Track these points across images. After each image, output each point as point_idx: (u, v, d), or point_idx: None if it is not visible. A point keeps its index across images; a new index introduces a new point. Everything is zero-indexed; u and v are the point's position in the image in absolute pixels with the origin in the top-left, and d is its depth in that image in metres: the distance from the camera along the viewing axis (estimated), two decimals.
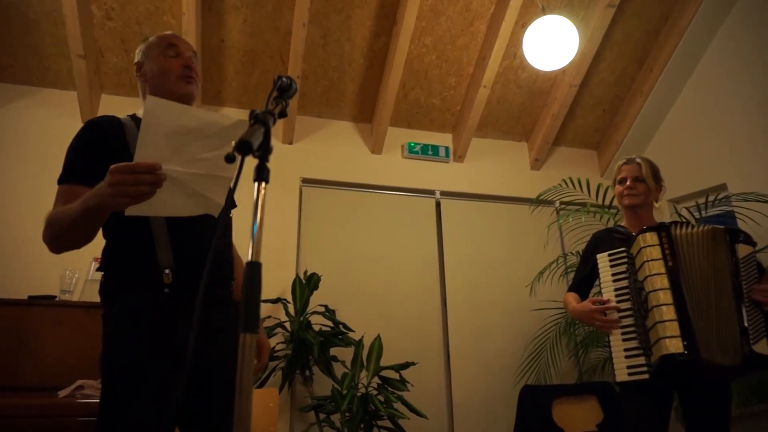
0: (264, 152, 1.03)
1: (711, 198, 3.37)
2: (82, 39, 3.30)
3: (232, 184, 1.25)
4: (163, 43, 1.61)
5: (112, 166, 1.14)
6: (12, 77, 3.55)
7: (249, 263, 0.95)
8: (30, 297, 2.76)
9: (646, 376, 1.97)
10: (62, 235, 1.33)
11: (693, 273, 2.02)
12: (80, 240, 1.35)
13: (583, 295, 2.32)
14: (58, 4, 3.24)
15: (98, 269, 1.49)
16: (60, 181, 1.46)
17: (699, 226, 2.10)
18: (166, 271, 1.39)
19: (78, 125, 3.57)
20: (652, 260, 2.03)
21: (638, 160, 2.34)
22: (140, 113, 1.52)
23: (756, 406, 3.07)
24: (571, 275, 3.57)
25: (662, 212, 3.99)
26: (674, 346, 1.90)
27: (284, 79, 1.32)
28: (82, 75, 3.44)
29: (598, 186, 3.67)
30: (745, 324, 1.94)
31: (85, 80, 3.46)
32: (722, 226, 2.12)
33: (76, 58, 3.37)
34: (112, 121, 1.52)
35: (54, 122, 3.55)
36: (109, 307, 1.43)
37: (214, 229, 1.47)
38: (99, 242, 1.46)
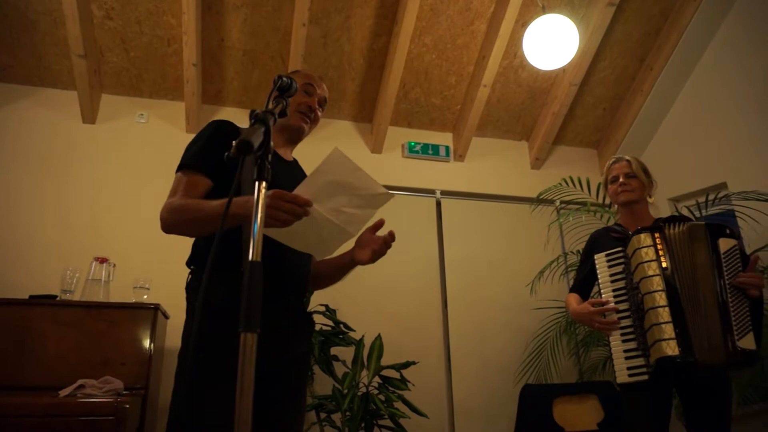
0: (264, 152, 1.03)
1: (711, 197, 3.37)
2: (83, 39, 3.30)
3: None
4: (304, 80, 1.74)
5: (275, 191, 1.24)
6: (12, 77, 3.55)
7: (249, 263, 0.96)
8: (31, 296, 2.76)
9: (645, 377, 1.97)
10: (189, 225, 1.46)
11: (685, 272, 2.02)
12: (199, 234, 1.51)
13: (585, 296, 2.33)
14: (58, 4, 3.24)
15: (187, 263, 1.57)
16: (182, 167, 1.55)
17: (684, 224, 2.10)
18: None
19: (78, 125, 3.64)
20: (646, 261, 2.04)
21: (626, 157, 2.35)
22: None
23: (757, 405, 3.06)
24: (572, 274, 3.58)
25: (664, 212, 3.99)
26: (670, 348, 1.91)
27: (284, 79, 1.32)
28: (82, 75, 3.44)
29: (599, 185, 3.65)
30: (730, 321, 1.93)
31: (85, 80, 3.47)
32: (702, 222, 2.12)
33: (77, 58, 3.37)
34: (233, 127, 1.64)
35: (54, 122, 3.55)
36: (192, 301, 1.52)
37: None
38: (100, 243, 1.47)
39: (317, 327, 3.21)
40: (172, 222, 1.47)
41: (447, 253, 3.98)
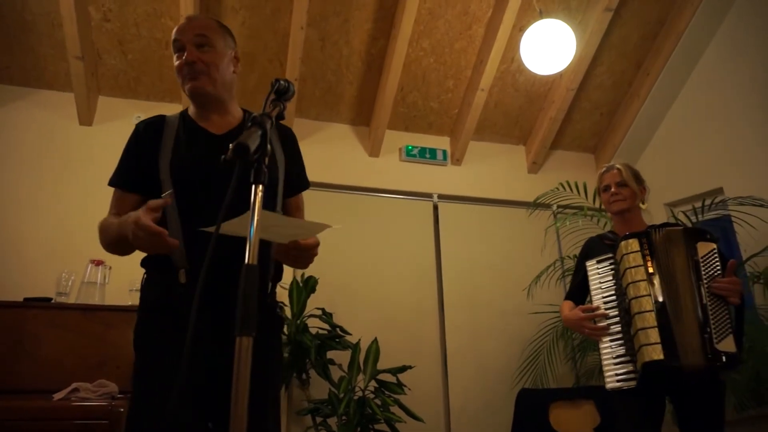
0: (261, 155, 1.03)
1: (707, 202, 3.38)
2: (80, 40, 3.30)
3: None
4: (172, 39, 1.61)
5: (139, 223, 1.24)
6: (9, 79, 3.54)
7: (245, 266, 0.95)
8: (26, 299, 2.75)
9: (634, 383, 1.97)
10: (108, 247, 1.50)
11: (668, 277, 2.03)
12: (121, 254, 1.50)
13: (579, 303, 2.34)
14: (55, 6, 3.23)
15: (141, 264, 1.57)
16: (110, 184, 1.58)
17: (664, 230, 2.10)
18: (182, 270, 1.43)
19: (75, 127, 3.63)
20: (633, 267, 2.05)
21: (617, 165, 2.36)
22: (191, 110, 1.63)
23: (754, 410, 3.06)
24: (568, 279, 3.58)
25: (660, 217, 4.00)
26: (655, 353, 1.91)
27: (282, 82, 1.32)
28: (79, 77, 3.43)
29: (596, 189, 3.66)
30: (708, 324, 1.92)
31: (82, 82, 3.46)
32: (680, 227, 2.14)
33: (74, 60, 3.36)
34: (153, 123, 1.58)
35: (51, 124, 3.54)
36: (139, 304, 1.52)
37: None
38: (96, 245, 1.48)
39: (314, 330, 3.21)
40: (102, 243, 1.50)
41: (444, 257, 3.98)
